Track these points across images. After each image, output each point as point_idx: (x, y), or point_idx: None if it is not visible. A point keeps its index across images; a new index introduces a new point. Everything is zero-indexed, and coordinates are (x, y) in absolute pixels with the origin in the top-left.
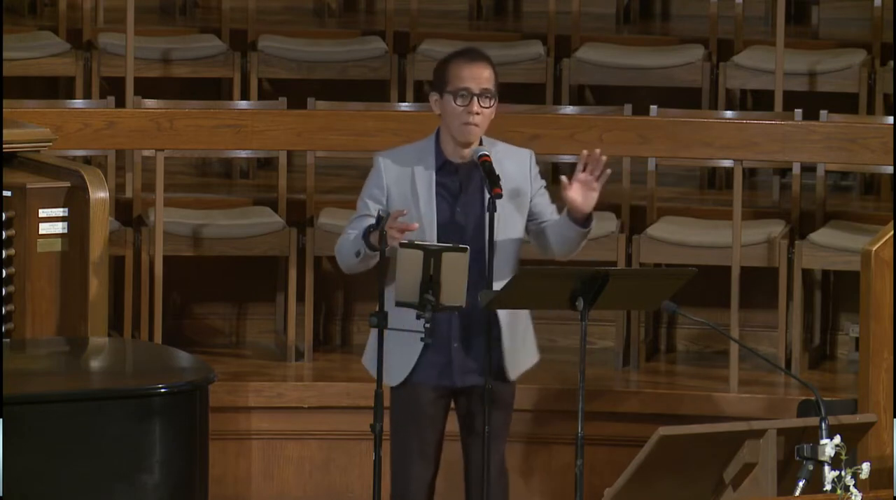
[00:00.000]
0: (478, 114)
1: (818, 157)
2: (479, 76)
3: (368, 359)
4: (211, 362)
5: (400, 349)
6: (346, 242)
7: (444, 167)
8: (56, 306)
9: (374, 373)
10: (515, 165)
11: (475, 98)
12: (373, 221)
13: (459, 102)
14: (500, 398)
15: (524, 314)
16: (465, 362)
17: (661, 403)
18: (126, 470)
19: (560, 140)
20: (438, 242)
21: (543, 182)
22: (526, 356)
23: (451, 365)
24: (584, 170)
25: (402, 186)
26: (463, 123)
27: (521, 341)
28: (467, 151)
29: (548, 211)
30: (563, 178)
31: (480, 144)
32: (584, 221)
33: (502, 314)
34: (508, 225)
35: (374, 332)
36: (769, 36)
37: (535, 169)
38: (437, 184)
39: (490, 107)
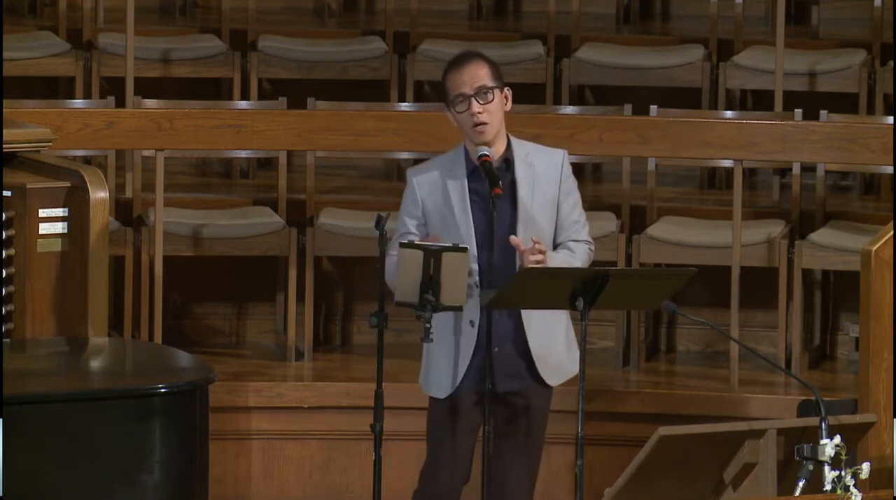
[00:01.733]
0: (481, 112)
1: (818, 157)
2: (472, 77)
3: (423, 381)
4: (211, 362)
5: (447, 362)
6: (393, 267)
7: (475, 173)
8: (56, 306)
9: (431, 391)
10: (547, 166)
11: (472, 99)
12: (413, 237)
13: (460, 108)
14: (536, 403)
15: (565, 321)
16: (505, 367)
17: (661, 403)
18: (126, 470)
19: (560, 140)
20: (477, 246)
21: (573, 186)
22: (571, 362)
23: (492, 370)
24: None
25: (435, 197)
26: (471, 126)
27: (564, 346)
28: (490, 152)
29: (568, 220)
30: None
31: (509, 144)
32: None
33: (539, 319)
34: (537, 229)
35: (426, 348)
36: (769, 36)
37: (568, 170)
38: (470, 190)
39: (491, 101)
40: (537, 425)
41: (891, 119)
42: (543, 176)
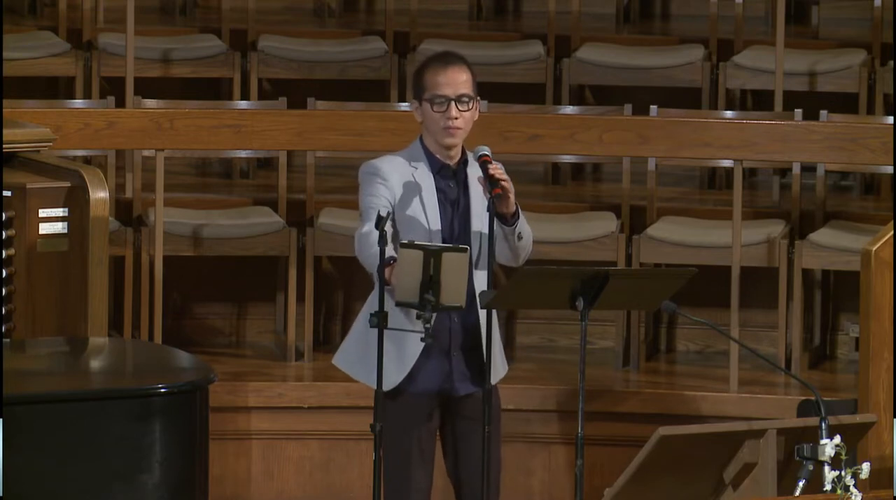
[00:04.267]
0: (457, 118)
1: (818, 157)
2: (455, 81)
3: (348, 361)
4: (211, 362)
5: (394, 354)
6: (369, 252)
7: (442, 172)
8: (56, 306)
9: (355, 375)
10: None
11: (452, 103)
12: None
13: (437, 108)
14: (493, 403)
15: (496, 325)
16: (463, 369)
17: (661, 403)
18: (126, 470)
19: (560, 140)
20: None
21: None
22: (502, 365)
23: (452, 373)
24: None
25: (405, 191)
26: (443, 127)
27: (497, 349)
28: (453, 153)
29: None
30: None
31: (463, 151)
32: (509, 219)
33: (487, 321)
34: (487, 225)
35: (355, 331)
36: (769, 36)
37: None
38: (437, 188)
39: (469, 110)
40: (498, 423)
41: (891, 119)
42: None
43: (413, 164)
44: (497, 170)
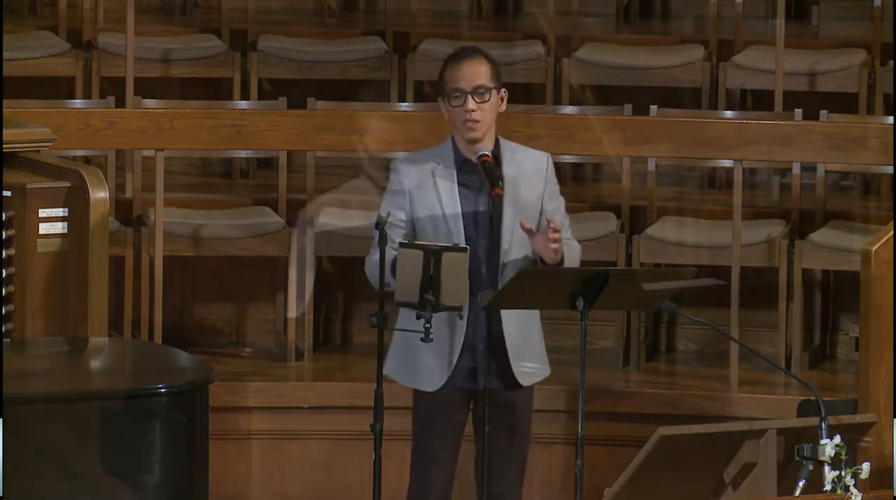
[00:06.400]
0: (475, 110)
1: (818, 157)
2: (471, 74)
3: (394, 367)
4: (211, 362)
5: (436, 354)
6: (375, 265)
7: (465, 167)
8: (56, 306)
9: (403, 381)
10: (532, 167)
11: (468, 96)
12: (399, 230)
13: (454, 102)
14: (521, 403)
15: (538, 324)
16: (488, 365)
17: (661, 403)
18: (126, 470)
19: (560, 140)
20: (465, 240)
21: (557, 189)
22: (541, 369)
23: (477, 368)
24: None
25: (423, 188)
26: (462, 121)
27: (535, 348)
28: (479, 148)
29: (556, 219)
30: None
31: (497, 144)
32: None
33: (513, 318)
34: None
35: (396, 338)
36: (769, 36)
37: (552, 171)
38: (459, 184)
39: (487, 101)
40: (525, 423)
41: (891, 119)
42: (528, 176)
43: (438, 160)
44: (555, 231)
